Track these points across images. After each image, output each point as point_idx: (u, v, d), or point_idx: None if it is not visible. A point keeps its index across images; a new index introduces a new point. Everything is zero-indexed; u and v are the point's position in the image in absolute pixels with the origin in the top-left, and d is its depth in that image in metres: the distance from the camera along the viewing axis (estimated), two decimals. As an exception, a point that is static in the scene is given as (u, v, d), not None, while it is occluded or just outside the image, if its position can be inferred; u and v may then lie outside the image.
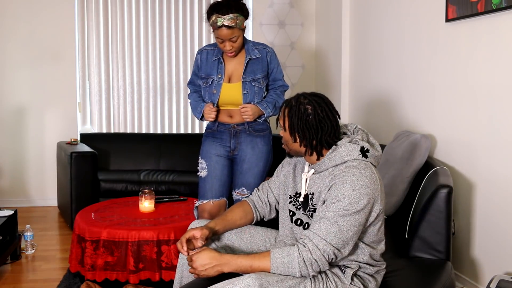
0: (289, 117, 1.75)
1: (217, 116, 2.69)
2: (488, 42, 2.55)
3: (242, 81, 2.63)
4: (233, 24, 2.45)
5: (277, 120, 1.83)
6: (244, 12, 2.51)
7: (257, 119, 2.68)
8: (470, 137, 2.70)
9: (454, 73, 2.82)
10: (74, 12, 4.65)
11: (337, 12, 4.38)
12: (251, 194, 2.32)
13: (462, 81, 2.76)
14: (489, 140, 2.56)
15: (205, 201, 2.65)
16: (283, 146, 1.85)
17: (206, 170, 2.69)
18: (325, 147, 1.75)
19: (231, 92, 2.65)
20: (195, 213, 2.73)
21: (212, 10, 2.48)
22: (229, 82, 2.66)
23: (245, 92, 2.63)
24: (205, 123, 4.95)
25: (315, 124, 1.72)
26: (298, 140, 1.76)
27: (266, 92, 2.75)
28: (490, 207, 2.57)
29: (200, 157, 2.75)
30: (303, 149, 1.77)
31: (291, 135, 1.77)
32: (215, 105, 2.66)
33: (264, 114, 2.66)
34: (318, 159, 1.76)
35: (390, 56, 3.59)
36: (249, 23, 4.95)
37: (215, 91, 2.65)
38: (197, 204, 2.69)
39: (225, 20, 2.43)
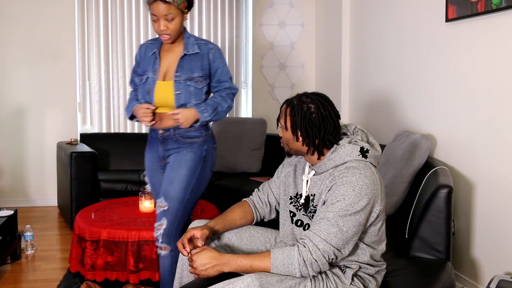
0: (292, 115, 1.74)
1: (154, 120, 2.38)
2: (488, 42, 2.55)
3: (175, 80, 2.34)
4: None
5: (278, 119, 1.83)
6: None
7: (195, 124, 2.36)
8: (470, 137, 2.70)
9: (454, 73, 2.83)
10: (74, 12, 4.65)
11: (337, 12, 4.38)
12: (168, 207, 2.29)
13: (462, 81, 2.76)
14: (489, 140, 2.56)
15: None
16: (282, 145, 1.85)
17: (149, 186, 2.51)
18: (326, 147, 1.74)
19: (163, 91, 2.36)
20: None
21: None
22: (164, 80, 2.38)
23: (178, 92, 2.33)
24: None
25: (318, 122, 1.72)
26: (300, 139, 1.75)
27: (210, 95, 2.47)
28: (490, 207, 2.57)
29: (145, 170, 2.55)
30: (305, 148, 1.77)
31: (293, 134, 1.76)
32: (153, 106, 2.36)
33: (199, 118, 2.33)
34: (319, 158, 1.76)
35: (390, 56, 3.59)
36: (249, 23, 4.95)
37: (149, 90, 2.37)
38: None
39: None
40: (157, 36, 2.44)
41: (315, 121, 1.72)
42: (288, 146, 1.80)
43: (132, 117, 2.46)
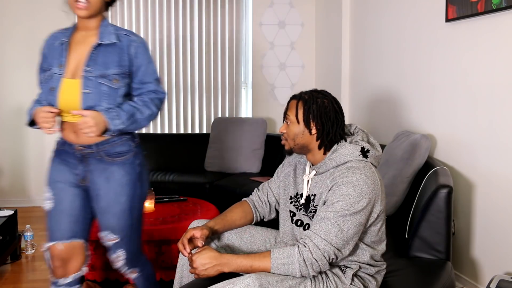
0: (306, 108, 1.73)
1: (60, 127, 1.97)
2: (488, 42, 2.55)
3: (84, 75, 1.89)
4: None
5: (285, 113, 1.79)
6: None
7: (104, 134, 1.89)
8: (470, 137, 2.70)
9: (454, 73, 2.83)
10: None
11: (337, 12, 4.38)
12: (121, 238, 2.01)
13: (462, 81, 2.76)
14: (489, 140, 2.56)
15: (51, 243, 1.98)
16: (284, 142, 1.81)
17: (51, 201, 2.00)
18: (336, 142, 1.75)
19: (70, 91, 1.89)
20: (47, 257, 2.03)
21: None
22: (73, 78, 1.92)
23: (87, 91, 1.88)
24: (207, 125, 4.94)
25: (332, 116, 1.74)
26: (314, 131, 1.74)
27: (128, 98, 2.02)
28: (490, 207, 2.57)
29: (46, 183, 2.04)
30: (314, 143, 1.75)
31: (306, 127, 1.74)
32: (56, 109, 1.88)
33: (108, 126, 1.86)
34: (324, 153, 1.76)
35: (390, 56, 3.59)
36: (249, 23, 4.95)
37: (52, 88, 1.92)
38: (44, 248, 2.03)
39: None
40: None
41: (330, 114, 1.73)
42: (295, 141, 1.77)
43: (32, 123, 1.98)
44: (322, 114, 1.72)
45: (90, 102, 1.88)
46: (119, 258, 2.06)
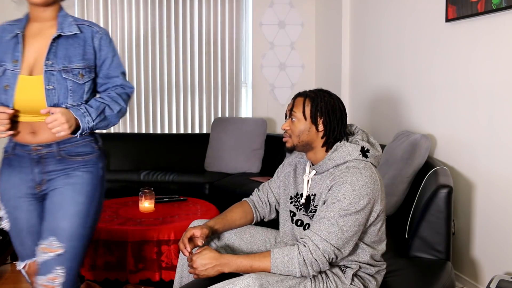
0: (314, 105, 1.74)
1: (13, 129, 1.74)
2: (488, 42, 2.55)
3: (46, 70, 1.71)
4: None
5: (290, 110, 1.78)
6: None
7: (72, 135, 1.74)
8: (470, 137, 2.70)
9: (454, 73, 2.83)
10: (74, 12, 4.65)
11: (337, 12, 4.38)
12: (66, 250, 1.70)
13: (462, 81, 2.76)
14: (489, 140, 2.56)
15: (22, 264, 1.86)
16: (287, 139, 1.80)
17: (8, 221, 1.84)
18: (340, 139, 1.75)
19: (29, 89, 1.71)
20: (24, 275, 1.91)
21: None
22: (31, 74, 1.73)
23: (50, 87, 1.71)
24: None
25: (338, 114, 1.75)
26: (322, 128, 1.74)
27: (94, 95, 1.89)
28: (490, 207, 2.57)
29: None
30: (319, 141, 1.76)
31: (313, 123, 1.75)
32: (11, 109, 1.70)
33: (80, 126, 1.72)
34: (326, 151, 1.76)
35: (390, 56, 3.59)
36: (249, 23, 4.95)
37: (7, 87, 1.71)
38: (18, 267, 1.90)
39: None
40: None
41: (337, 113, 1.75)
42: (299, 138, 1.76)
43: None
44: (329, 111, 1.74)
45: (55, 100, 1.72)
46: (54, 281, 1.70)
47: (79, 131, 1.73)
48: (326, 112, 1.74)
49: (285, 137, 1.80)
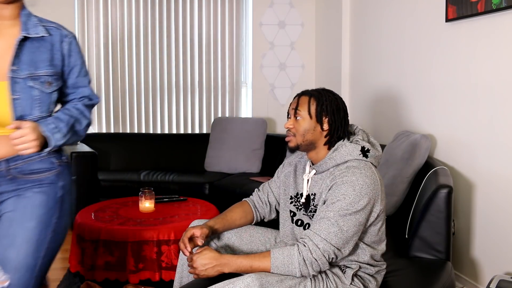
0: (319, 103, 1.74)
1: None
2: (488, 42, 2.55)
3: (11, 77, 1.50)
4: None
5: (295, 109, 1.77)
6: None
7: (42, 151, 1.52)
8: (470, 137, 2.70)
9: (454, 73, 2.83)
10: (74, 12, 4.65)
11: (337, 12, 4.38)
12: (11, 282, 1.48)
13: (462, 81, 2.76)
14: (489, 140, 2.56)
15: None
16: (290, 138, 1.78)
17: None
18: (342, 138, 1.76)
19: None
20: None
21: None
22: None
23: (16, 96, 1.50)
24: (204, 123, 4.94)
25: (342, 113, 1.76)
26: (326, 126, 1.75)
27: (59, 106, 1.69)
28: (490, 207, 2.57)
29: None
30: (323, 139, 1.76)
31: (318, 122, 1.75)
32: None
33: (49, 141, 1.51)
34: (329, 149, 1.76)
35: (390, 56, 3.59)
36: (249, 23, 4.94)
37: None
38: None
39: None
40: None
41: (340, 112, 1.76)
42: (304, 137, 1.75)
43: None
44: (334, 110, 1.75)
45: (22, 111, 1.50)
46: None
47: (47, 149, 1.52)
48: (331, 111, 1.74)
49: (289, 136, 1.79)
